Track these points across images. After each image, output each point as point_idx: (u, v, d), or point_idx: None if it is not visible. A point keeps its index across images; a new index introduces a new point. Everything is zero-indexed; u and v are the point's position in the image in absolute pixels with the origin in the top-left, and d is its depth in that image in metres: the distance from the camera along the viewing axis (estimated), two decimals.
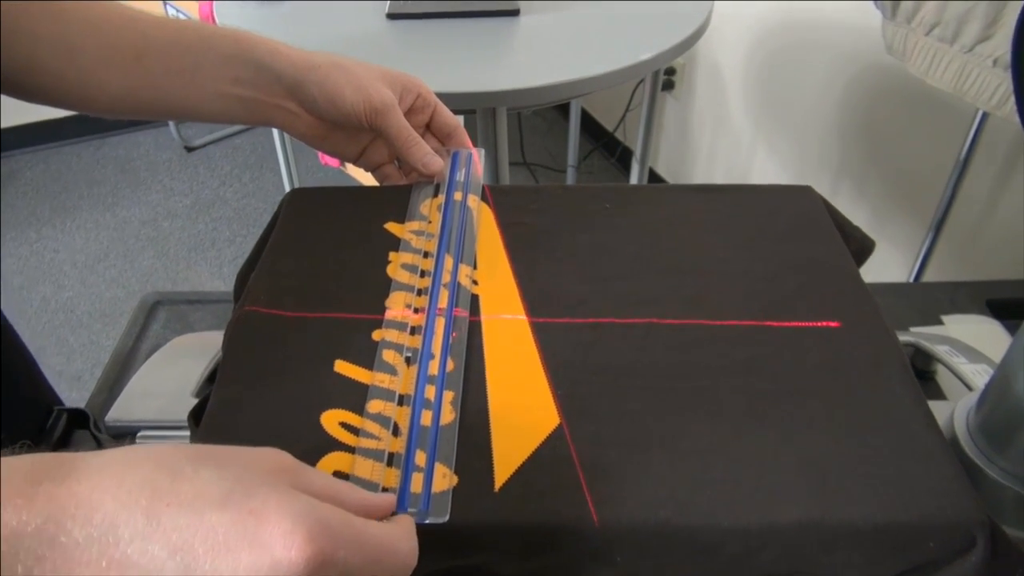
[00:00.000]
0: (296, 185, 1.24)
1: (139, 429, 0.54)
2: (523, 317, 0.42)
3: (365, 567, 0.26)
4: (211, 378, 0.48)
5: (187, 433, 0.41)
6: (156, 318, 0.74)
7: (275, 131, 1.14)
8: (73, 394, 1.67)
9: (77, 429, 0.57)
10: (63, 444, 0.56)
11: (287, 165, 1.15)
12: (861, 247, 0.51)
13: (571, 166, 1.90)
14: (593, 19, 1.03)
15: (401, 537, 0.28)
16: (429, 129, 0.55)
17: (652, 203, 0.51)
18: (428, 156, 0.51)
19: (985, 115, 1.03)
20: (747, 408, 0.37)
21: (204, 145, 2.50)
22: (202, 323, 0.73)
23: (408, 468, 0.34)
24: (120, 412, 0.56)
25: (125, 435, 0.55)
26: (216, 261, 2.07)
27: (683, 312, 0.43)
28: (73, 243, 2.12)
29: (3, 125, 2.39)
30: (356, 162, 0.55)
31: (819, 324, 0.42)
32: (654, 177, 2.14)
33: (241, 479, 0.25)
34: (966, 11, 0.85)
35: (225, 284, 1.99)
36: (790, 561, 0.34)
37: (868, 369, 0.39)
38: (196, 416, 0.41)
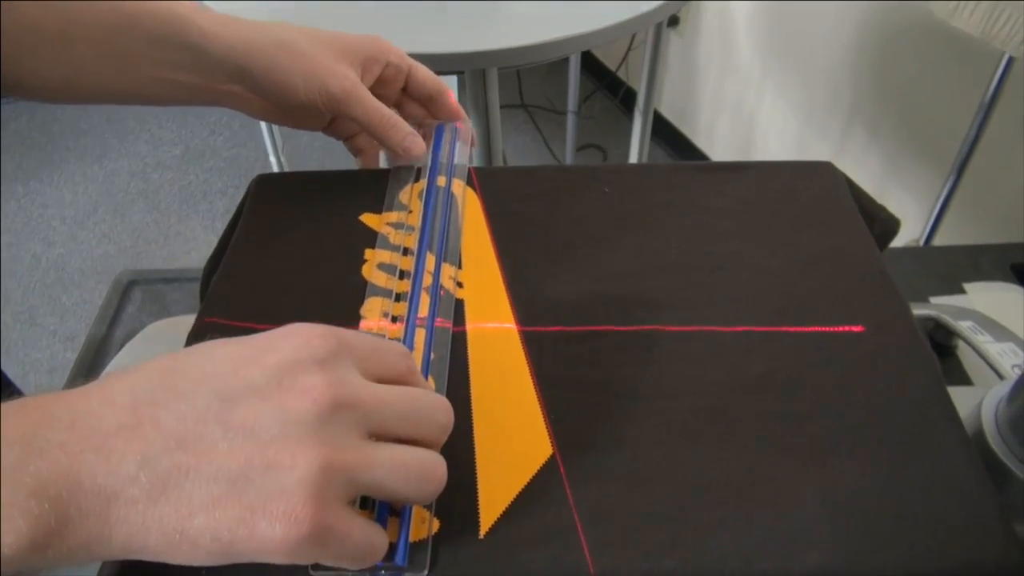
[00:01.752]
0: (282, 154, 1.18)
1: None
2: (512, 326, 0.38)
3: (396, 420, 0.28)
4: None
5: None
6: (131, 299, 0.70)
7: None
8: (62, 357, 1.65)
9: None
10: None
11: (271, 135, 1.08)
12: (885, 229, 0.47)
13: (571, 111, 1.83)
14: None
15: (446, 406, 0.30)
16: (407, 93, 0.49)
17: (655, 187, 0.46)
18: (408, 138, 0.45)
19: (1011, 60, 0.96)
20: (762, 432, 0.34)
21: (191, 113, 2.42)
22: (179, 304, 0.69)
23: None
24: None
25: None
26: (208, 214, 2.02)
27: (690, 317, 0.38)
28: (62, 198, 2.07)
29: None
30: (326, 131, 0.50)
31: (841, 329, 0.38)
32: (658, 119, 2.07)
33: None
34: None
35: (217, 236, 1.94)
36: None
37: (896, 383, 0.35)
38: None
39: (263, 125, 1.18)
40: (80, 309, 1.77)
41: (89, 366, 0.63)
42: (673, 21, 1.88)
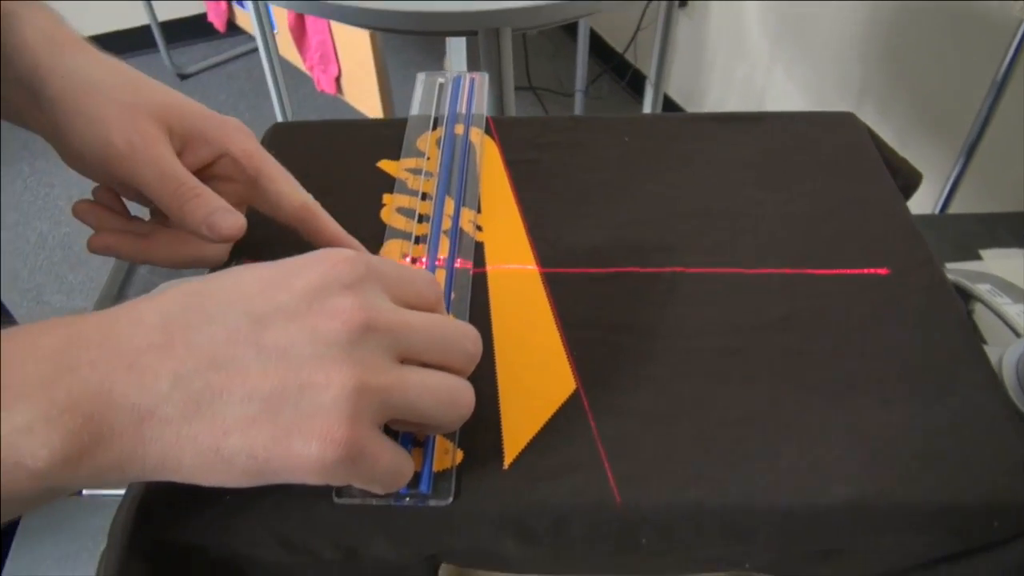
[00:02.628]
0: (289, 114, 1.17)
1: None
2: (533, 267, 0.38)
3: (425, 344, 0.27)
4: None
5: None
6: None
7: (263, 56, 1.07)
8: None
9: None
10: None
11: (278, 93, 1.08)
12: (907, 182, 0.46)
13: (579, 90, 1.82)
14: None
15: (474, 335, 0.30)
16: (258, 212, 0.38)
17: (674, 136, 0.45)
18: (217, 213, 0.34)
19: None
20: (786, 370, 0.33)
21: (198, 72, 2.41)
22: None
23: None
24: None
25: None
26: None
27: (711, 260, 0.38)
28: (67, 177, 2.06)
29: None
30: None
31: (866, 271, 0.37)
32: (666, 100, 2.05)
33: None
34: None
35: None
36: (835, 543, 0.30)
37: (922, 323, 0.35)
38: None
39: (275, 105, 1.17)
40: (86, 287, 1.77)
41: None
42: (681, 1, 1.86)
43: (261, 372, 0.24)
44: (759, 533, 0.29)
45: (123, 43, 2.45)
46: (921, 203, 1.32)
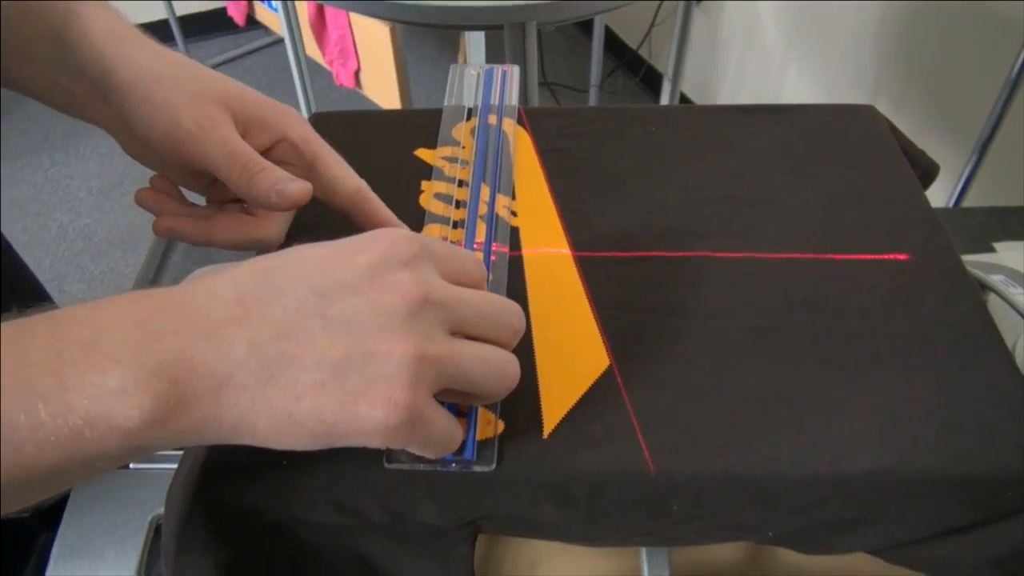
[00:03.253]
0: (314, 107, 1.19)
1: None
2: (567, 251, 0.40)
3: (476, 319, 0.29)
4: None
5: None
6: (175, 248, 0.72)
7: (289, 51, 1.09)
8: None
9: None
10: None
11: (303, 87, 1.10)
12: (925, 173, 0.48)
13: (593, 86, 1.83)
14: None
15: (518, 310, 0.31)
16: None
17: (700, 126, 0.47)
18: (282, 181, 0.35)
19: None
20: (810, 348, 0.35)
21: (215, 66, 2.43)
22: (223, 253, 0.70)
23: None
24: None
25: None
26: None
27: (737, 245, 0.40)
28: (87, 169, 2.09)
29: None
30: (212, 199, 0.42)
31: (887, 257, 0.39)
32: (680, 96, 2.07)
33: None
34: None
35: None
36: (856, 511, 0.32)
37: (941, 305, 0.36)
38: None
39: (300, 98, 1.19)
40: (107, 278, 1.79)
41: None
42: None
43: (329, 342, 0.26)
44: (784, 500, 0.31)
45: None
46: (936, 196, 1.33)
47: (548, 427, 0.32)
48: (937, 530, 0.32)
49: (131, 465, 0.48)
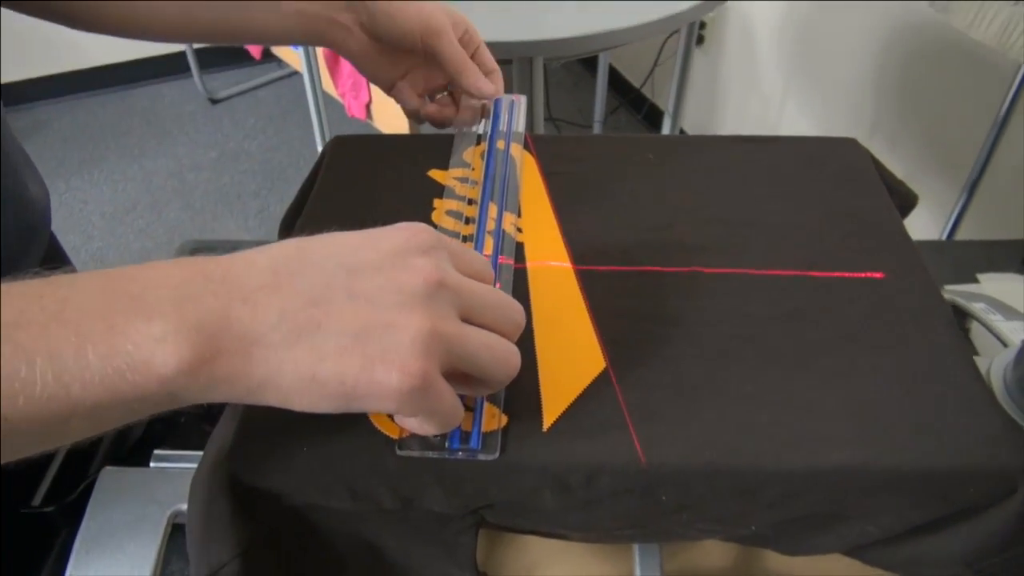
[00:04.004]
0: (327, 136, 1.24)
1: None
2: (568, 265, 0.43)
3: (485, 309, 0.32)
4: None
5: None
6: None
7: (307, 83, 1.14)
8: None
9: None
10: None
11: (319, 118, 1.15)
12: (904, 201, 0.51)
13: (597, 122, 1.88)
14: None
15: (519, 307, 0.34)
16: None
17: (694, 154, 0.50)
18: (481, 80, 0.51)
19: None
20: (793, 355, 0.38)
21: (228, 97, 2.50)
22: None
23: None
24: None
25: None
26: (242, 214, 2.08)
27: (727, 261, 0.43)
28: (101, 194, 2.14)
29: (30, 75, 2.40)
30: (391, 91, 0.55)
31: (864, 275, 0.42)
32: (681, 133, 2.12)
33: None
34: None
35: (251, 236, 2.01)
36: (830, 504, 0.34)
37: (913, 320, 0.39)
38: None
39: (315, 127, 1.23)
40: None
41: None
42: (698, 40, 1.94)
43: (353, 312, 0.29)
44: (765, 491, 0.34)
45: (158, 68, 2.55)
46: (928, 230, 1.37)
47: (548, 421, 0.35)
48: (909, 527, 0.35)
49: (152, 464, 0.50)
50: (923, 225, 1.41)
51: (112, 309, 0.26)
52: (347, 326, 0.29)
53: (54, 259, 0.61)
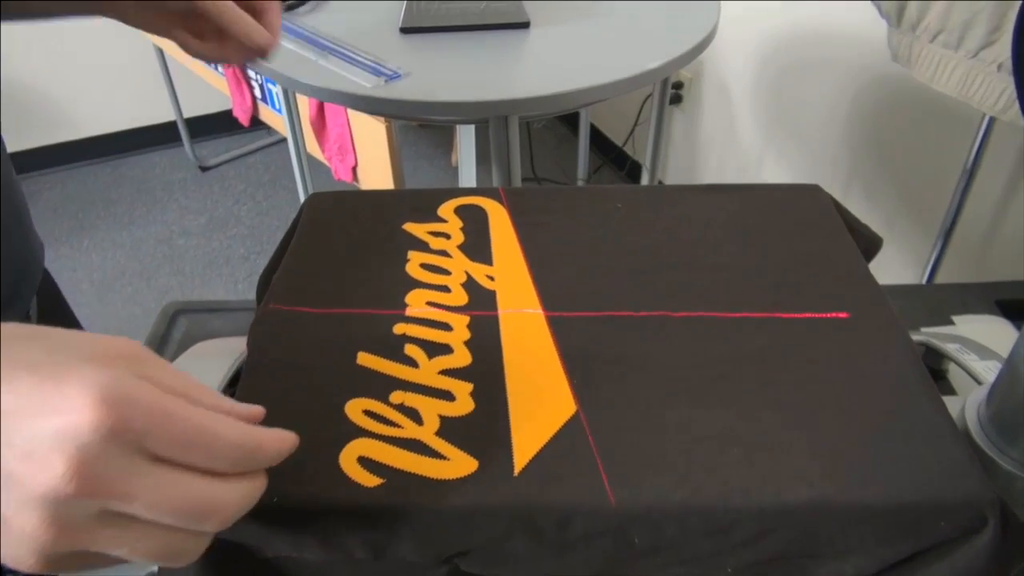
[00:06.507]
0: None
1: None
2: (538, 311, 0.43)
3: (171, 444, 0.25)
4: (234, 380, 0.49)
5: None
6: (177, 326, 0.75)
7: (291, 150, 1.16)
8: None
9: None
10: None
11: (303, 182, 1.17)
12: (869, 244, 0.52)
13: (580, 179, 1.92)
14: (602, 31, 1.05)
15: (230, 433, 0.27)
16: None
17: (663, 202, 0.52)
18: (254, 29, 0.48)
19: (992, 120, 1.04)
20: (760, 394, 0.38)
21: (218, 164, 2.54)
22: (223, 330, 0.74)
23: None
24: None
25: None
26: (231, 278, 2.09)
27: (696, 305, 0.44)
28: (90, 262, 2.15)
29: (21, 148, 2.43)
30: (168, 37, 0.51)
31: (829, 315, 0.43)
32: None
33: (62, 352, 0.25)
34: (970, 17, 0.86)
35: (239, 298, 2.01)
36: (802, 542, 0.34)
37: (878, 357, 0.40)
38: None
39: (299, 191, 1.25)
40: None
41: None
42: (676, 99, 1.99)
43: None
44: (737, 530, 0.34)
45: (149, 137, 2.59)
46: (907, 276, 1.39)
47: (519, 466, 0.35)
48: (883, 565, 0.35)
49: None
50: (901, 270, 1.43)
51: None
52: None
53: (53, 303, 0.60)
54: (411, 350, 0.41)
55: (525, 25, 1.06)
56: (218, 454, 0.27)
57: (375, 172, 1.56)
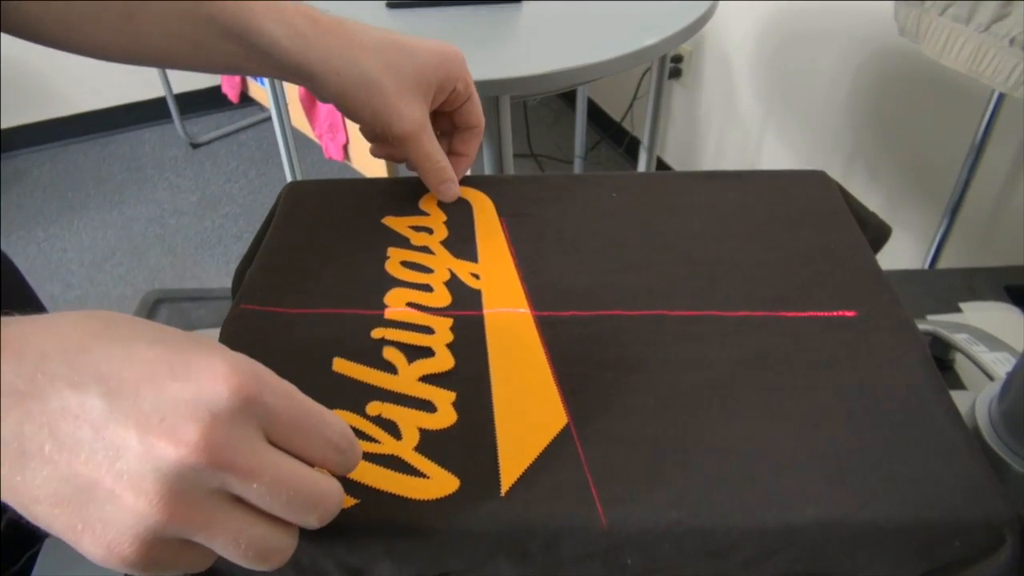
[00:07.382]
0: (300, 176, 1.23)
1: None
2: (526, 311, 0.41)
3: (291, 425, 0.26)
4: None
5: None
6: (158, 316, 0.73)
7: (276, 127, 1.13)
8: None
9: None
10: None
11: (289, 160, 1.13)
12: (877, 234, 0.50)
13: (578, 156, 1.88)
14: (597, 5, 1.01)
15: (337, 422, 0.28)
16: (451, 118, 0.51)
17: (660, 191, 0.49)
18: (445, 184, 0.48)
19: (1001, 97, 1.00)
20: (762, 402, 0.36)
21: (210, 142, 2.50)
22: (204, 320, 0.72)
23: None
24: None
25: None
26: (223, 258, 2.06)
27: (694, 303, 0.41)
28: (80, 242, 2.12)
29: (9, 124, 2.39)
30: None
31: (835, 314, 0.40)
32: (662, 166, 2.12)
33: (171, 333, 0.26)
34: None
35: (231, 279, 1.98)
36: (808, 563, 0.32)
37: (887, 360, 0.38)
38: None
39: (286, 170, 1.23)
40: None
41: None
42: (675, 73, 1.95)
43: (87, 460, 0.24)
44: (738, 551, 0.32)
45: (139, 114, 2.55)
46: (911, 259, 1.36)
47: (506, 484, 0.33)
48: None
49: None
50: (905, 253, 1.40)
51: None
52: (75, 475, 0.24)
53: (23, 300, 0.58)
54: (390, 354, 0.38)
55: (517, 0, 1.02)
56: (326, 443, 0.27)
57: (367, 150, 1.53)
